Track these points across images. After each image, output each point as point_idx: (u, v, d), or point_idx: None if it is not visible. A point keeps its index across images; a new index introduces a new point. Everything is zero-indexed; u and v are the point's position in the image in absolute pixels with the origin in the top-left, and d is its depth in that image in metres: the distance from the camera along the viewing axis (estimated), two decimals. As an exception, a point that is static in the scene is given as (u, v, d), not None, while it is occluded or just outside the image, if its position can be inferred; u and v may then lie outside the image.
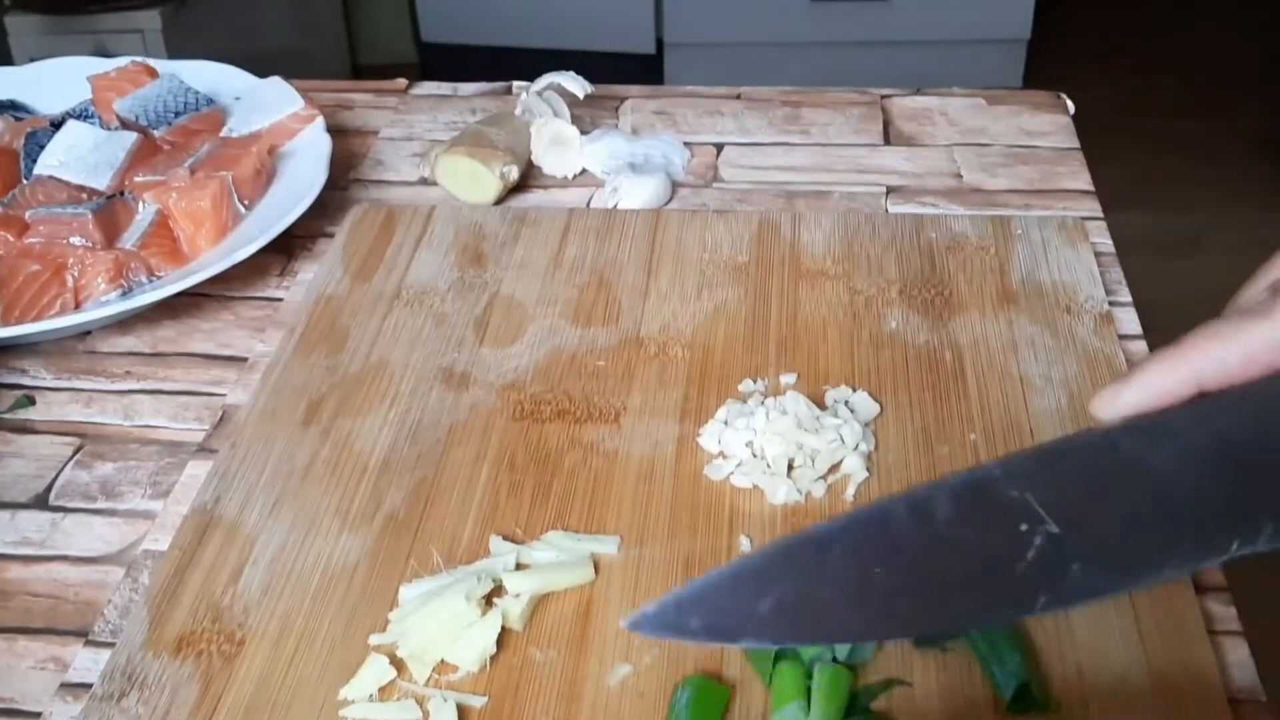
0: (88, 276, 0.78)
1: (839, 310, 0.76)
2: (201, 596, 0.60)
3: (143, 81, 0.95)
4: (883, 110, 1.01)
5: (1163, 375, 0.38)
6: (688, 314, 0.77)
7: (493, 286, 0.80)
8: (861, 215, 0.85)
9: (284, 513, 0.64)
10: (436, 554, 0.62)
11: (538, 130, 0.93)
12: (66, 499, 0.69)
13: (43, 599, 0.63)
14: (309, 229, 0.88)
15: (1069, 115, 1.00)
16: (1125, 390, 0.39)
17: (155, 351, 0.79)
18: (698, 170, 0.95)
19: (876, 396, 0.70)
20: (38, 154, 0.88)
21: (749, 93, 1.04)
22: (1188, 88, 2.80)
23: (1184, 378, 0.38)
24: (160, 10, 2.05)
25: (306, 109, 0.93)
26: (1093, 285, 0.77)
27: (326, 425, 0.70)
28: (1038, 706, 0.53)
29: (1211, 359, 0.38)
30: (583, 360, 0.74)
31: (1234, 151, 2.59)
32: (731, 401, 0.69)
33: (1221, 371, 0.38)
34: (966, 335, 0.74)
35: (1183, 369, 0.38)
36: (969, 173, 0.93)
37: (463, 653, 0.56)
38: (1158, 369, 0.39)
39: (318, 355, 0.75)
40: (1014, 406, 0.69)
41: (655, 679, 0.55)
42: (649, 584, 0.60)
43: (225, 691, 0.56)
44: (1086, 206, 0.89)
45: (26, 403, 0.75)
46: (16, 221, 0.82)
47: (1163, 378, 0.38)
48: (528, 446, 0.68)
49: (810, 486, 0.64)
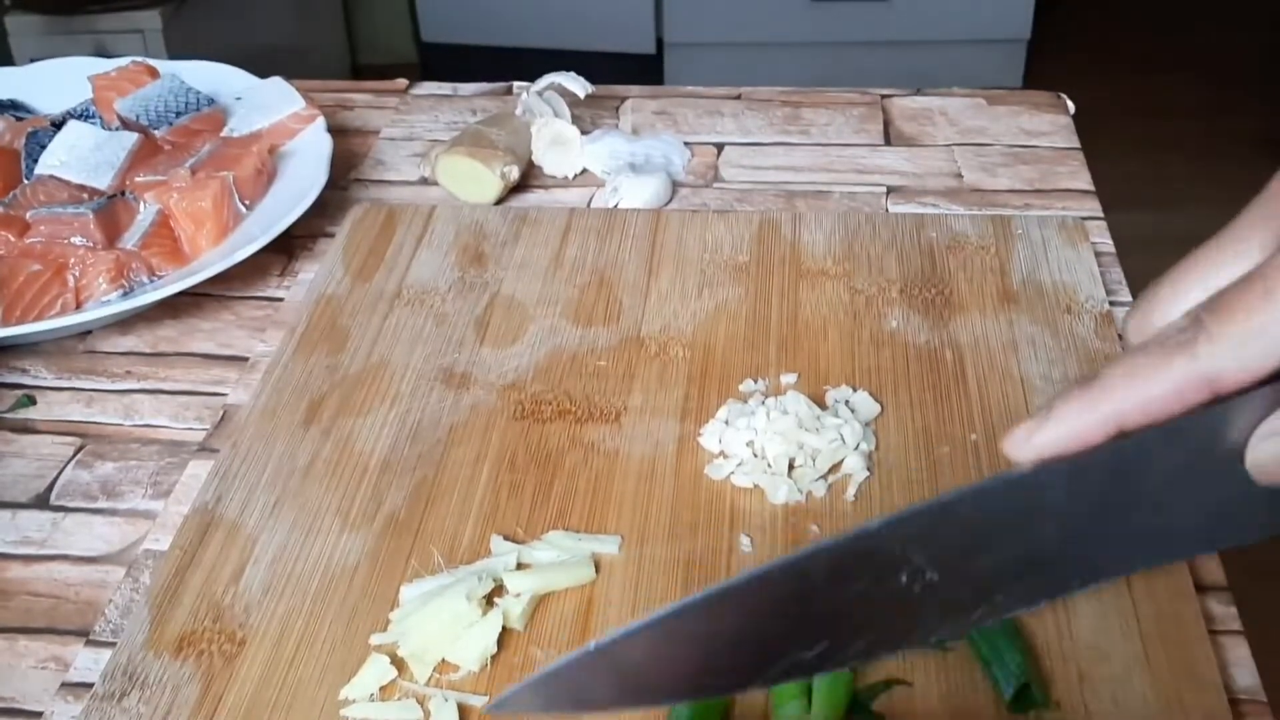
0: (89, 276, 0.78)
1: (839, 310, 0.76)
2: (202, 596, 0.60)
3: (143, 81, 0.95)
4: (883, 110, 1.01)
5: (1080, 415, 0.36)
6: (688, 314, 0.77)
7: (493, 286, 0.80)
8: (862, 215, 0.86)
9: (285, 512, 0.64)
10: (437, 554, 0.62)
11: (538, 130, 0.93)
12: (67, 499, 0.69)
13: (44, 599, 0.63)
14: (309, 229, 0.88)
15: (1069, 115, 1.00)
16: (1040, 431, 0.36)
17: (156, 351, 0.79)
18: (698, 170, 0.95)
19: (877, 396, 0.70)
20: (39, 154, 0.88)
21: (749, 93, 1.04)
22: (1188, 87, 2.80)
23: (1103, 417, 0.35)
24: (160, 10, 2.05)
25: (307, 109, 0.94)
26: (1093, 285, 0.77)
27: (327, 425, 0.70)
28: (1038, 707, 0.53)
29: (1132, 398, 0.35)
30: (583, 360, 0.74)
31: (1234, 151, 2.59)
32: (732, 401, 0.69)
33: (1143, 411, 0.35)
34: (967, 335, 0.74)
35: (1102, 408, 0.35)
36: (969, 173, 0.93)
37: (464, 652, 0.56)
38: (1075, 408, 0.36)
39: (318, 355, 0.75)
40: (1014, 406, 0.69)
41: (656, 679, 0.55)
42: (650, 583, 0.60)
43: (226, 691, 0.56)
44: (1087, 206, 0.89)
45: (27, 402, 0.75)
46: (17, 221, 0.82)
47: (1080, 417, 0.36)
48: (528, 446, 0.68)
49: (811, 486, 0.64)
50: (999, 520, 0.37)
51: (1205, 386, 0.34)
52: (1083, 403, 0.36)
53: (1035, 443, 0.36)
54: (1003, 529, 0.37)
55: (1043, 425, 0.36)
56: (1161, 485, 0.36)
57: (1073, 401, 0.36)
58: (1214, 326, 0.34)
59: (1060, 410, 0.36)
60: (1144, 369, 0.35)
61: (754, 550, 0.61)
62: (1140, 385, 0.35)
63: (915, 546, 0.37)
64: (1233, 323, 0.33)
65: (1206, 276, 0.36)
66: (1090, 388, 0.36)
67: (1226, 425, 0.34)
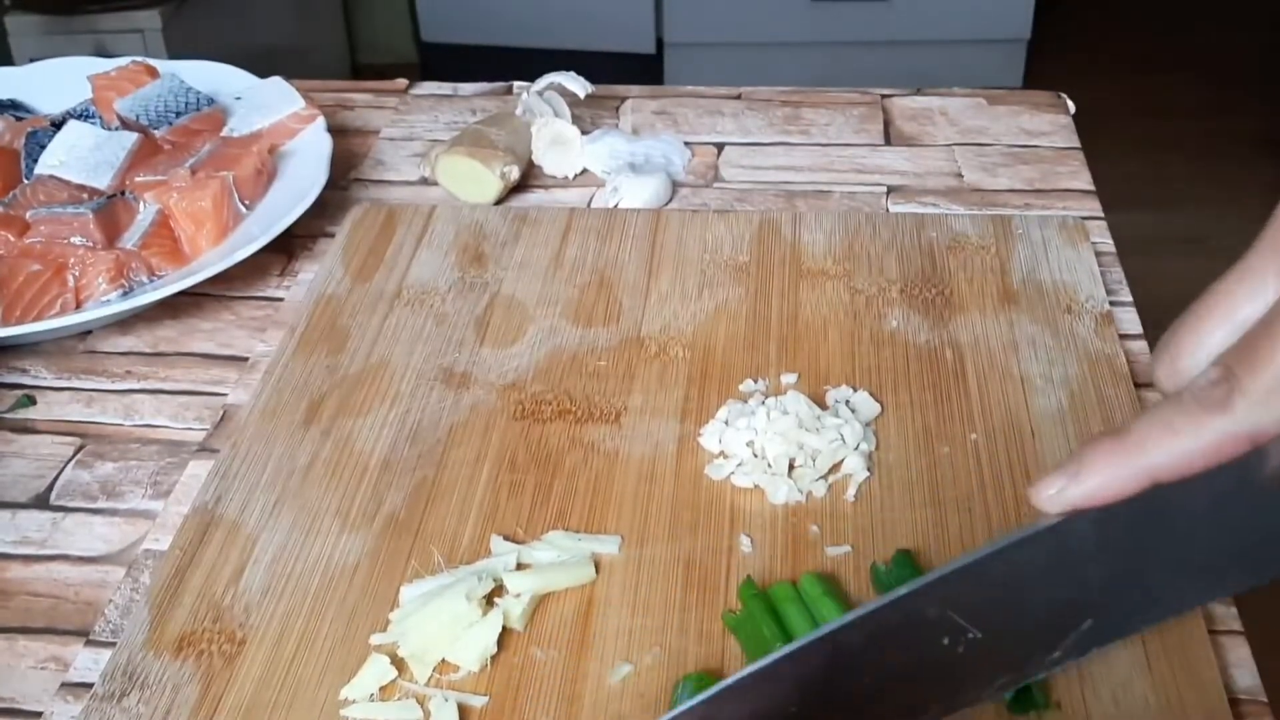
0: (88, 276, 0.78)
1: (840, 310, 0.76)
2: (202, 596, 0.60)
3: (143, 81, 0.95)
4: (883, 110, 1.01)
5: (1113, 469, 0.35)
6: (688, 314, 0.77)
7: (493, 286, 0.80)
8: (862, 215, 0.86)
9: (285, 512, 0.64)
10: (437, 554, 0.62)
11: (538, 130, 0.93)
12: (67, 499, 0.69)
13: (43, 599, 0.63)
14: (309, 229, 0.88)
15: (1069, 115, 1.00)
16: (1073, 485, 0.36)
17: (156, 351, 0.79)
18: (698, 170, 0.95)
19: (877, 396, 0.70)
20: (38, 154, 0.88)
21: (749, 93, 1.04)
22: (1188, 87, 2.80)
23: (1137, 472, 0.35)
24: (160, 10, 2.05)
25: (307, 109, 0.93)
26: (1093, 285, 0.77)
27: (327, 425, 0.70)
28: (1038, 708, 0.53)
29: (1168, 453, 0.34)
30: (583, 360, 0.74)
31: (1235, 151, 2.59)
32: (732, 401, 0.69)
33: (1181, 467, 0.34)
34: (967, 335, 0.74)
35: (1137, 462, 0.35)
36: (969, 172, 0.93)
37: (464, 652, 0.56)
38: (1108, 462, 0.35)
39: (318, 355, 0.75)
40: (1014, 406, 0.69)
41: (656, 679, 0.55)
42: (650, 584, 0.60)
43: (226, 691, 0.56)
44: (1087, 206, 0.89)
45: (27, 402, 0.75)
46: (17, 221, 0.82)
47: (1113, 471, 0.35)
48: (528, 446, 0.68)
49: (811, 486, 0.64)
50: (1035, 571, 0.37)
51: (1245, 442, 0.34)
52: (1116, 457, 0.35)
53: (1067, 497, 0.36)
54: (1038, 580, 0.37)
55: (1075, 479, 0.36)
56: (1197, 523, 0.36)
57: (1106, 455, 0.35)
58: (1247, 380, 0.33)
59: (1092, 464, 0.35)
60: (1180, 425, 0.34)
61: (754, 550, 0.61)
62: (1177, 442, 0.34)
63: (953, 606, 0.37)
64: (1266, 374, 0.33)
65: (1227, 314, 0.36)
66: (1124, 441, 0.35)
67: (1261, 459, 0.34)
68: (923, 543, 0.61)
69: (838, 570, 0.60)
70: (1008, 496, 0.63)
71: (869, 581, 0.59)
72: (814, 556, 0.61)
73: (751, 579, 0.59)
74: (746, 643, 0.56)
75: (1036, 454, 0.66)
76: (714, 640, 0.57)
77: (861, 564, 0.60)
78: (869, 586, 0.59)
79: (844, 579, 0.59)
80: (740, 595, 0.58)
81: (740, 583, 0.59)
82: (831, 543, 0.61)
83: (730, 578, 0.60)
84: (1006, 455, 0.66)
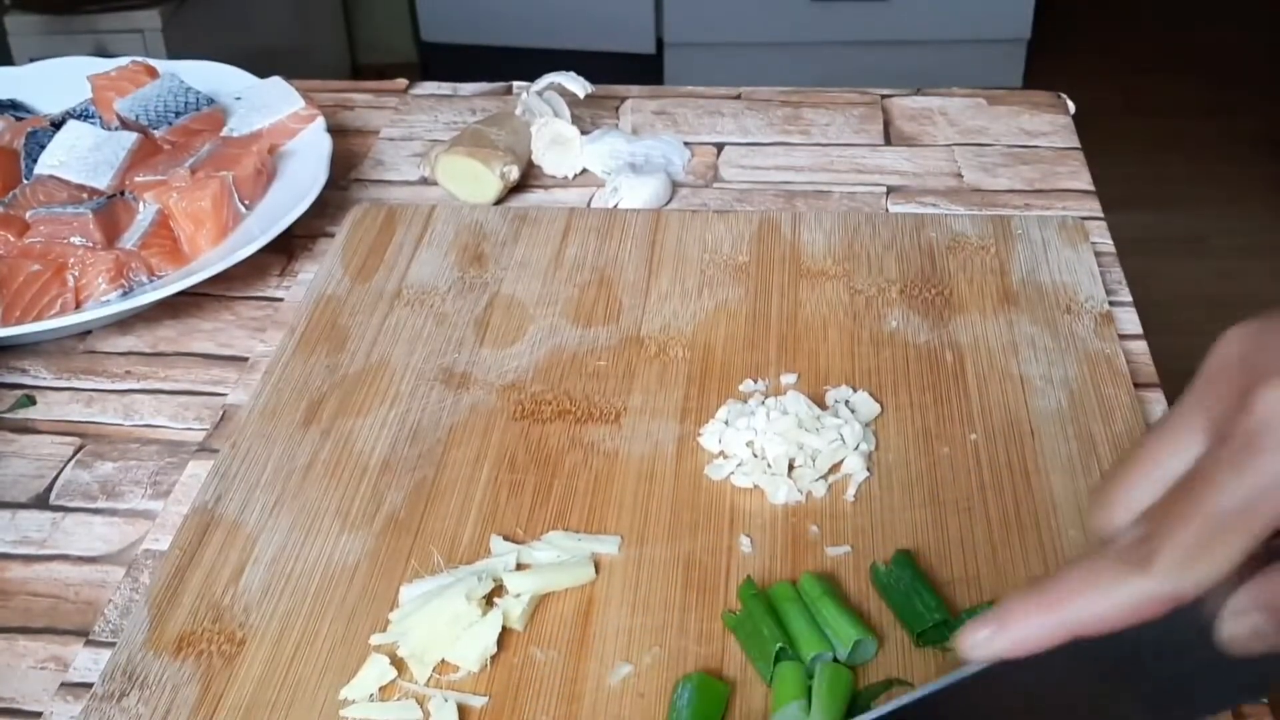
0: (88, 276, 0.78)
1: (839, 310, 0.76)
2: (202, 596, 0.60)
3: (143, 81, 0.95)
4: (883, 110, 1.01)
5: (1035, 622, 0.36)
6: (688, 314, 0.77)
7: (493, 286, 0.80)
8: (862, 215, 0.86)
9: (284, 513, 0.64)
10: (437, 554, 0.62)
11: (538, 130, 0.93)
12: (67, 499, 0.69)
13: (43, 598, 0.63)
14: (309, 229, 0.88)
15: (1069, 115, 1.00)
16: (997, 637, 0.36)
17: (155, 351, 0.79)
18: (698, 170, 0.95)
19: (877, 396, 0.70)
20: (38, 154, 0.88)
21: (749, 93, 1.04)
22: (1188, 87, 2.80)
23: (1058, 625, 0.35)
24: (160, 10, 2.05)
25: (307, 109, 0.93)
26: (1093, 285, 0.77)
27: (327, 425, 0.70)
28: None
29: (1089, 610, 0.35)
30: (583, 360, 0.74)
31: (1235, 150, 2.59)
32: (732, 401, 0.69)
33: (1099, 623, 0.35)
34: (967, 335, 0.74)
35: (1058, 616, 0.35)
36: (969, 173, 0.93)
37: (463, 652, 0.56)
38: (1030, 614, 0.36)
39: (318, 355, 0.75)
40: (1014, 406, 0.69)
41: (656, 678, 0.55)
42: (650, 584, 0.60)
43: (226, 691, 0.56)
44: (1086, 206, 0.89)
45: (27, 402, 0.75)
46: (17, 221, 0.82)
47: (1035, 623, 0.36)
48: (528, 446, 0.68)
49: (811, 486, 0.64)
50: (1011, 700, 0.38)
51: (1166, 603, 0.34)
52: (1039, 610, 0.36)
53: (993, 646, 0.36)
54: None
55: (1000, 631, 0.36)
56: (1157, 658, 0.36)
57: (1028, 607, 0.36)
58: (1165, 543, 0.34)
59: (1015, 616, 0.36)
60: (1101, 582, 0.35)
61: (754, 550, 0.61)
62: (1098, 599, 0.35)
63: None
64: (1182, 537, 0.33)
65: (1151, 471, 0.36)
66: (1046, 595, 0.36)
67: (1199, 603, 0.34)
68: (922, 543, 0.61)
69: (837, 570, 0.60)
70: (1007, 497, 0.63)
71: (869, 582, 0.59)
72: (814, 556, 0.61)
73: (751, 579, 0.59)
74: (746, 643, 0.56)
75: (1036, 454, 0.66)
76: (714, 640, 0.57)
77: (861, 564, 0.60)
78: (869, 587, 0.59)
79: (844, 579, 0.59)
80: (740, 595, 0.58)
81: (740, 583, 0.59)
82: (831, 543, 0.61)
83: (730, 578, 0.60)
84: (1006, 456, 0.66)
